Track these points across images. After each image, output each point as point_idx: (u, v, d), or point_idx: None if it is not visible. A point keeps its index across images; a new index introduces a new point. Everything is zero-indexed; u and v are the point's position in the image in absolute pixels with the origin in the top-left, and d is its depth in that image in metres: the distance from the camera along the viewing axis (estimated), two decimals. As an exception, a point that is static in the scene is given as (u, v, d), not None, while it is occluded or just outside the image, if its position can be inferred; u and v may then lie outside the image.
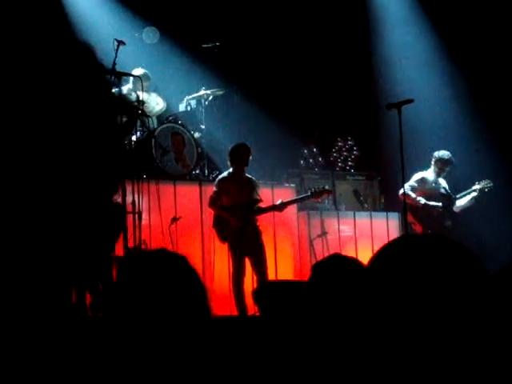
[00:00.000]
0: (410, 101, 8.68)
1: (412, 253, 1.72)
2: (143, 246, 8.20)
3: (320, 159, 11.98)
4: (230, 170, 9.04)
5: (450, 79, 12.46)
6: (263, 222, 9.25)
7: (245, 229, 8.79)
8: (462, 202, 10.20)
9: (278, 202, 9.23)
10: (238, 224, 8.77)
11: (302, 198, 9.70)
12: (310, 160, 11.89)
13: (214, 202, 8.94)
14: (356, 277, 2.27)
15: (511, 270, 2.21)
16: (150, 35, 11.56)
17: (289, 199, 9.53)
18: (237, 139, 9.60)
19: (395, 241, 1.78)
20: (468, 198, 10.21)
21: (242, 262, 8.79)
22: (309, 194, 9.52)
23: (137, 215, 8.28)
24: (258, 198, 9.02)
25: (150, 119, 9.89)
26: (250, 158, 9.03)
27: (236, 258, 8.81)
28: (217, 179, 9.14)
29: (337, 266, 2.34)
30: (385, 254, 1.75)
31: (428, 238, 1.76)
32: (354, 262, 2.50)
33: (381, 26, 13.07)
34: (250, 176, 9.12)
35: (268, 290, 7.25)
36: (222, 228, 8.88)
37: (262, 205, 9.08)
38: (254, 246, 8.82)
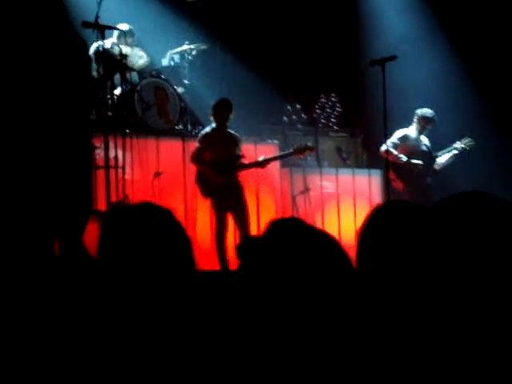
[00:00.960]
0: (394, 57, 8.67)
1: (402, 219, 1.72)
2: (126, 201, 8.21)
3: (303, 116, 11.98)
4: (213, 125, 9.03)
5: (434, 37, 12.43)
6: (246, 178, 9.27)
7: (227, 184, 8.81)
8: (442, 160, 10.23)
9: (261, 158, 9.24)
10: (221, 180, 8.79)
11: (284, 154, 9.72)
12: (293, 116, 11.88)
13: (196, 157, 8.94)
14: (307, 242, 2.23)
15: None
16: (133, -12, 11.45)
17: (271, 155, 9.55)
18: (220, 95, 9.57)
19: (384, 206, 1.79)
20: (449, 155, 10.24)
21: (224, 217, 8.82)
22: (291, 150, 9.53)
23: (120, 170, 8.28)
24: (241, 153, 9.04)
25: (132, 73, 9.84)
26: (233, 113, 9.02)
27: (219, 213, 8.84)
28: (199, 134, 9.13)
29: (292, 229, 2.26)
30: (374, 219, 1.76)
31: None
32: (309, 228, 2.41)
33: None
34: (232, 132, 9.11)
35: (251, 244, 7.29)
36: (205, 184, 8.89)
37: (245, 161, 9.10)
38: (236, 202, 8.85)
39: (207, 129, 9.10)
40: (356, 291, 1.70)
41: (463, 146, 10.22)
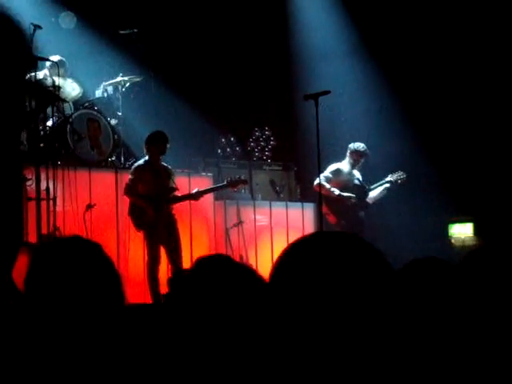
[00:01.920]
0: (327, 92, 8.78)
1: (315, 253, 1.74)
2: (57, 233, 8.11)
3: (237, 148, 12.02)
4: (146, 157, 9.00)
5: (366, 72, 12.61)
6: (179, 210, 9.24)
7: (160, 217, 8.78)
8: (374, 193, 10.35)
9: (194, 190, 9.23)
10: (154, 212, 8.75)
11: (218, 187, 9.74)
12: (228, 149, 11.92)
13: (129, 189, 8.89)
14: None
15: (413, 268, 2.27)
16: (66, 20, 11.40)
17: (205, 188, 9.55)
18: (154, 127, 9.55)
19: (302, 239, 1.80)
20: (380, 189, 10.36)
21: (157, 250, 8.77)
22: (225, 183, 9.56)
23: (51, 202, 8.18)
24: (174, 186, 9.02)
25: (65, 105, 9.77)
26: (168, 146, 9.01)
27: (151, 246, 8.79)
28: (133, 167, 9.09)
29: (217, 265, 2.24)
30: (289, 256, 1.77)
31: (337, 236, 1.78)
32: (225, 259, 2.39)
33: (299, 21, 13.15)
34: (166, 164, 9.09)
35: (182, 278, 7.24)
36: (138, 216, 8.84)
37: (178, 193, 9.08)
38: (169, 235, 8.81)
39: (140, 161, 9.07)
40: (273, 324, 1.72)
41: (395, 179, 10.36)
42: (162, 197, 8.85)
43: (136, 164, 9.09)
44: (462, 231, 11.33)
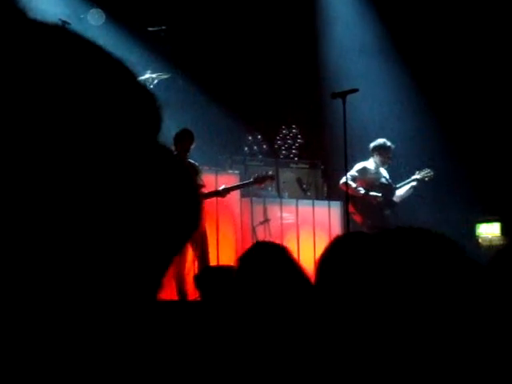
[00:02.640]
0: (355, 90, 8.74)
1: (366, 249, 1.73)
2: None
3: (264, 146, 12.01)
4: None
5: (395, 70, 12.58)
6: (206, 208, 9.24)
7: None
8: (401, 192, 10.31)
9: (221, 187, 9.25)
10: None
11: (245, 183, 9.74)
12: (254, 147, 11.92)
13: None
14: (284, 264, 2.28)
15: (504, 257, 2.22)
16: (95, 17, 11.45)
17: (232, 185, 9.55)
18: (181, 125, 9.56)
19: (346, 236, 1.80)
20: (407, 187, 10.33)
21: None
22: (251, 180, 9.56)
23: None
24: (201, 183, 9.03)
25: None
26: (193, 143, 9.03)
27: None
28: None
29: (261, 255, 2.33)
30: (336, 248, 1.77)
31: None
32: (281, 249, 2.48)
33: (328, 17, 13.14)
34: (193, 161, 9.11)
35: (209, 275, 7.26)
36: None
37: (205, 190, 9.09)
38: (195, 232, 8.81)
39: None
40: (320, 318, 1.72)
41: (422, 177, 10.31)
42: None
43: (163, 161, 9.11)
44: (489, 231, 11.27)
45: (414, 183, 10.32)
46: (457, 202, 11.57)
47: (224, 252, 9.99)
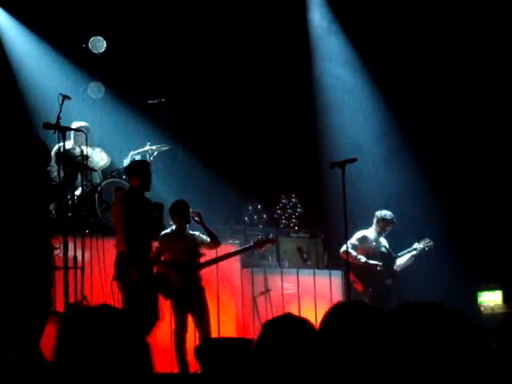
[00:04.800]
0: (354, 160, 8.75)
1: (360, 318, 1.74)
2: (85, 302, 8.11)
3: (264, 216, 12.03)
4: (173, 226, 9.05)
5: (393, 140, 12.69)
6: (206, 278, 9.22)
7: (188, 285, 8.77)
8: (402, 261, 10.29)
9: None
10: (181, 281, 8.75)
11: (245, 248, 9.73)
12: (255, 217, 11.93)
13: (156, 258, 8.91)
14: (306, 337, 2.29)
15: None
16: (95, 90, 11.58)
17: (232, 250, 9.58)
18: (181, 195, 9.60)
19: (343, 304, 1.81)
20: (408, 256, 10.31)
21: (184, 318, 8.75)
22: (252, 244, 9.57)
23: (78, 270, 8.19)
24: (201, 252, 9.04)
25: (93, 174, 9.86)
26: (190, 213, 9.07)
27: (179, 314, 8.76)
28: (160, 235, 9.12)
29: (287, 326, 2.35)
30: (334, 316, 1.77)
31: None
32: (303, 322, 2.51)
33: (325, 86, 13.30)
34: (193, 232, 9.12)
35: (210, 347, 7.21)
36: (165, 285, 8.83)
37: (204, 259, 9.09)
38: (197, 303, 8.79)
39: (167, 230, 9.10)
40: None
41: (422, 247, 10.30)
42: (188, 265, 8.86)
43: (163, 232, 9.12)
44: (491, 299, 11.21)
45: (415, 252, 10.30)
46: (458, 270, 11.55)
47: (224, 322, 9.93)
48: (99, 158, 10.43)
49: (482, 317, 10.90)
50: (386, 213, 10.25)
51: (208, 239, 9.13)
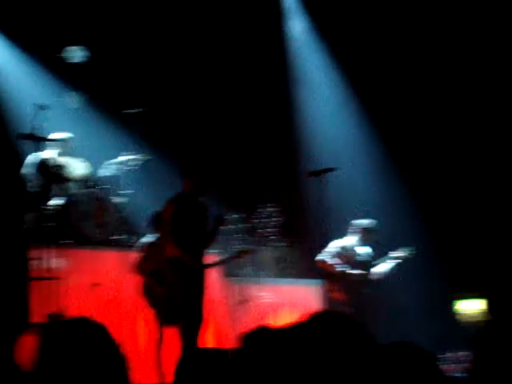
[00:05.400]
0: (331, 169, 8.75)
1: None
2: (62, 313, 8.06)
3: (242, 225, 12.01)
4: (155, 235, 9.04)
5: (372, 148, 12.74)
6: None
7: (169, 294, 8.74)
8: (379, 269, 10.29)
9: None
10: (163, 290, 8.70)
11: (222, 260, 9.68)
12: (232, 226, 11.90)
13: (139, 267, 8.90)
14: (282, 349, 2.29)
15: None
16: (71, 100, 11.54)
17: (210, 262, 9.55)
18: (159, 205, 9.56)
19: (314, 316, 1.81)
20: (386, 265, 10.30)
21: (165, 329, 8.69)
22: (230, 255, 9.55)
23: (55, 281, 8.14)
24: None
25: (70, 184, 9.82)
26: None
27: (159, 324, 8.71)
28: (141, 244, 9.09)
29: (263, 339, 2.36)
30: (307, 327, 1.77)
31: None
32: (279, 334, 2.50)
33: (305, 95, 13.35)
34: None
35: (187, 357, 7.16)
36: (148, 295, 8.80)
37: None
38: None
39: (149, 238, 9.08)
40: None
41: (400, 255, 10.30)
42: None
43: (144, 240, 9.10)
44: (468, 307, 11.26)
45: (393, 261, 10.29)
46: (436, 278, 11.59)
47: (202, 333, 9.88)
48: (76, 167, 10.38)
49: (460, 325, 10.95)
50: (362, 221, 10.25)
51: None
